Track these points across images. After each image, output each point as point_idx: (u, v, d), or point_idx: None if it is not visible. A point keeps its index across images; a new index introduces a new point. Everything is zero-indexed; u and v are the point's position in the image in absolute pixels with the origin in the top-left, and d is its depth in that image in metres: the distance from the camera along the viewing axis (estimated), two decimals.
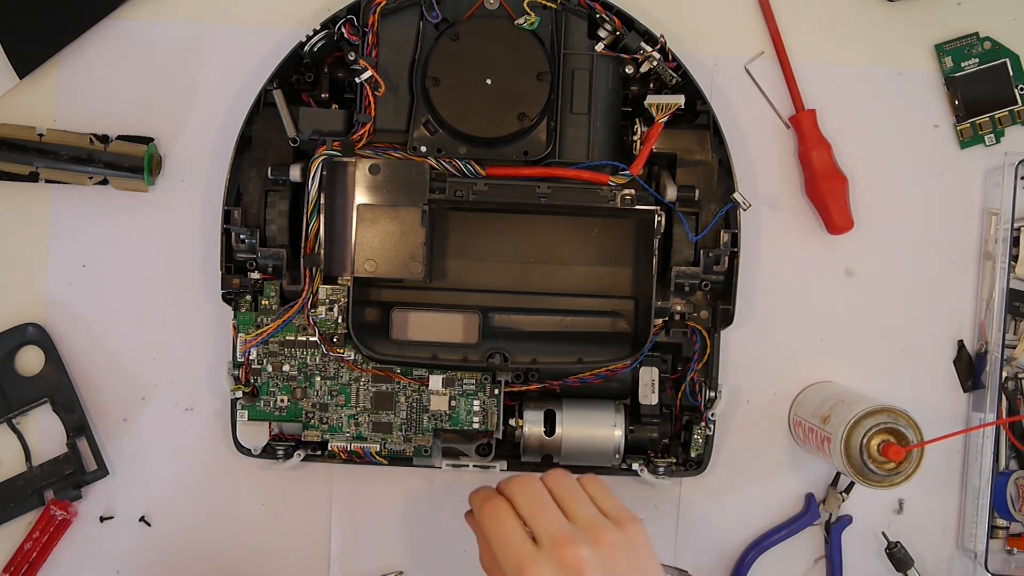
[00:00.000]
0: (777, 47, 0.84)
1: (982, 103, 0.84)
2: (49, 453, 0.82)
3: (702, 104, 0.79)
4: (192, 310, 0.82)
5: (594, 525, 0.66)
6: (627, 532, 0.67)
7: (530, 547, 0.65)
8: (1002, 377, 0.83)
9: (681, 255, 0.78)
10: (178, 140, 0.82)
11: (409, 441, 0.78)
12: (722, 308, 0.80)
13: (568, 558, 0.64)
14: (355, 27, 0.76)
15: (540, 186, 0.75)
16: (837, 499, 0.84)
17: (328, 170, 0.76)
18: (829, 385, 0.84)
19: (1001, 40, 0.84)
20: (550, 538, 0.65)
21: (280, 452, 0.79)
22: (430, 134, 0.76)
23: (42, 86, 0.82)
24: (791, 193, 0.84)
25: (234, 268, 0.78)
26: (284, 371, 0.77)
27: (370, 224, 0.75)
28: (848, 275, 0.85)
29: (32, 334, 0.81)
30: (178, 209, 0.83)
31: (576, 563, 0.64)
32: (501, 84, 0.75)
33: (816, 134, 0.83)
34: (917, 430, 0.74)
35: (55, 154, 0.79)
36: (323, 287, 0.77)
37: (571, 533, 0.65)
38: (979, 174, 0.85)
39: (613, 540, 0.65)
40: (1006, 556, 0.84)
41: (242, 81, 0.82)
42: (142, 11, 0.82)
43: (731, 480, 0.84)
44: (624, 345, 0.79)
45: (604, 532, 0.66)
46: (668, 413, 0.80)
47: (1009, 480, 0.82)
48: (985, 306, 0.84)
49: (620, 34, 0.77)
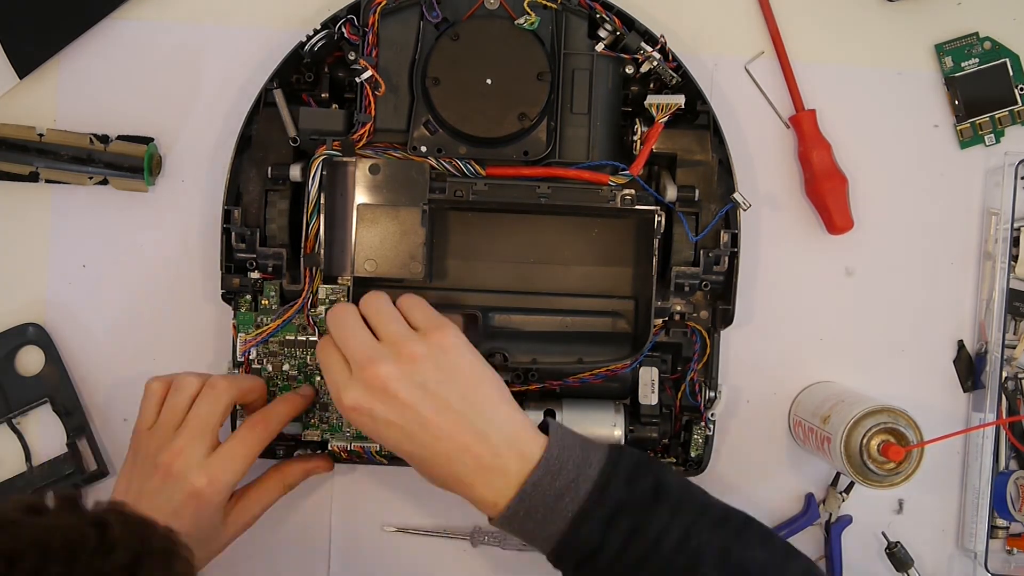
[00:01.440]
0: (777, 47, 0.84)
1: (982, 103, 0.84)
2: (49, 453, 0.82)
3: (702, 104, 0.79)
4: (192, 310, 0.82)
5: (398, 340, 0.67)
6: (432, 338, 0.67)
7: (344, 374, 0.67)
8: (1002, 377, 0.83)
9: (681, 255, 0.78)
10: (178, 140, 0.82)
11: None
12: (722, 308, 0.80)
13: (371, 378, 0.65)
14: (355, 27, 0.76)
15: (540, 186, 0.75)
16: (837, 499, 0.84)
17: (328, 170, 0.76)
18: (829, 385, 0.84)
19: (1001, 40, 0.84)
20: (356, 361, 0.66)
21: (280, 452, 0.79)
22: (430, 134, 0.76)
23: (42, 86, 0.82)
24: (791, 193, 0.84)
25: (234, 268, 0.78)
26: (284, 371, 0.77)
27: (370, 224, 0.75)
28: (848, 275, 0.85)
29: (32, 334, 0.81)
30: (178, 209, 0.82)
31: (379, 381, 0.65)
32: (501, 84, 0.75)
33: (816, 134, 0.83)
34: (917, 430, 0.74)
35: (55, 154, 0.79)
36: (323, 287, 0.77)
37: (373, 353, 0.66)
38: (979, 174, 0.85)
39: (415, 351, 0.66)
40: (1006, 556, 0.84)
41: (242, 81, 0.82)
42: (142, 11, 0.82)
43: (731, 480, 0.84)
44: (624, 345, 0.79)
45: (406, 344, 0.66)
46: (668, 413, 0.80)
47: (1009, 480, 0.82)
48: (985, 306, 0.84)
49: (620, 34, 0.77)
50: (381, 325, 0.68)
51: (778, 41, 0.84)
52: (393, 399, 0.65)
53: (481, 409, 0.67)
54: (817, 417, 0.79)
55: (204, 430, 0.70)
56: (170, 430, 0.71)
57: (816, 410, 0.80)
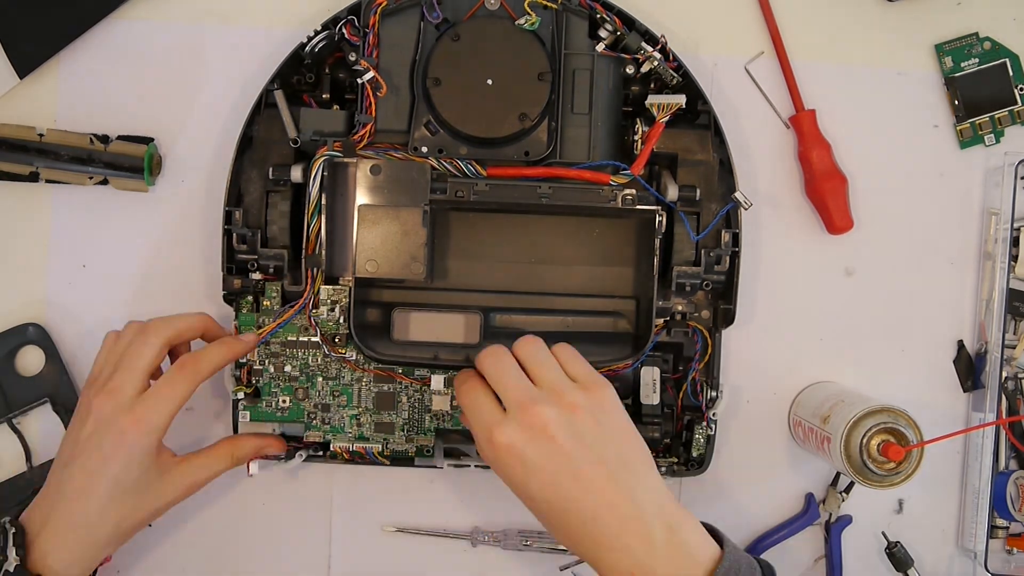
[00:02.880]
0: (777, 47, 0.84)
1: (982, 103, 0.84)
2: (49, 453, 0.82)
3: (703, 104, 0.79)
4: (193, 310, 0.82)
5: (558, 387, 0.66)
6: (593, 394, 0.67)
7: (498, 413, 0.66)
8: (1002, 377, 0.83)
9: (682, 255, 0.78)
10: (178, 140, 0.82)
11: (411, 441, 0.78)
12: (723, 308, 0.80)
13: (532, 417, 0.64)
14: (356, 28, 0.76)
15: (541, 186, 0.75)
16: (837, 499, 0.84)
17: (329, 171, 0.76)
18: (829, 385, 0.84)
19: (1001, 40, 0.84)
20: (515, 402, 0.66)
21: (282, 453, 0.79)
22: (431, 134, 0.76)
23: (42, 86, 0.81)
24: (791, 193, 0.85)
25: (235, 269, 0.78)
26: (286, 372, 0.77)
27: (371, 224, 0.75)
28: (848, 275, 0.85)
29: (32, 334, 0.81)
30: (178, 209, 0.82)
31: (539, 421, 0.64)
32: (502, 84, 0.75)
33: (816, 134, 0.83)
34: (917, 430, 0.74)
35: (55, 154, 0.79)
36: (324, 288, 0.77)
37: (534, 395, 0.66)
38: (979, 174, 0.85)
39: (576, 400, 0.66)
40: (1006, 556, 0.84)
41: (243, 81, 0.82)
42: (142, 11, 0.82)
43: (731, 479, 0.85)
44: (625, 345, 0.79)
45: (567, 393, 0.66)
46: (670, 413, 0.80)
47: (1009, 480, 0.83)
48: (985, 306, 0.84)
49: (621, 34, 0.77)
50: (541, 371, 0.68)
51: (778, 41, 0.84)
52: (551, 442, 0.64)
53: (634, 472, 0.66)
54: (817, 417, 0.79)
55: (133, 371, 0.69)
56: (107, 377, 0.70)
57: (816, 410, 0.80)
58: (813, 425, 0.79)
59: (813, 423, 0.80)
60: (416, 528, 0.84)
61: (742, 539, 0.85)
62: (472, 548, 0.84)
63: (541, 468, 0.64)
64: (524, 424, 0.64)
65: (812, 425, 0.80)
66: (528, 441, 0.64)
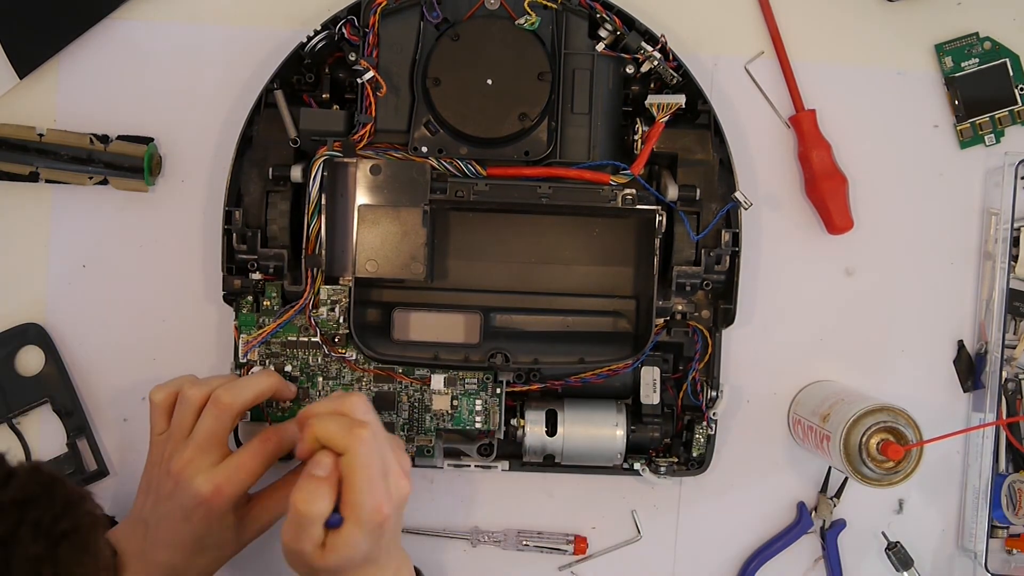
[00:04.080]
0: (777, 47, 0.84)
1: (982, 103, 0.84)
2: (49, 453, 0.82)
3: (703, 104, 0.79)
4: (193, 310, 0.82)
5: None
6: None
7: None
8: (1002, 377, 0.83)
9: (682, 254, 0.78)
10: (178, 140, 0.82)
11: (411, 441, 0.78)
12: (723, 307, 0.80)
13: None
14: (356, 27, 0.76)
15: (541, 186, 0.75)
16: (828, 505, 0.84)
17: (329, 171, 0.76)
18: (829, 384, 0.84)
19: (1001, 40, 0.84)
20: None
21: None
22: (431, 134, 0.76)
23: (42, 86, 0.81)
24: (791, 193, 0.85)
25: (235, 269, 0.78)
26: (286, 372, 0.77)
27: (371, 224, 0.75)
28: (848, 275, 0.85)
29: (32, 334, 0.81)
30: (178, 209, 0.82)
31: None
32: (502, 84, 0.75)
33: (816, 134, 0.83)
34: (916, 429, 0.74)
35: (55, 154, 0.79)
36: (324, 288, 0.77)
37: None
38: (979, 174, 0.85)
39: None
40: (1006, 556, 0.84)
41: (243, 81, 0.82)
42: (142, 11, 0.82)
43: (731, 479, 0.85)
44: (625, 345, 0.79)
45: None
46: (670, 413, 0.80)
47: (1004, 483, 0.82)
48: (985, 306, 0.84)
49: (621, 34, 0.77)
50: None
51: (778, 41, 0.84)
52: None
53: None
54: (817, 416, 0.79)
55: (211, 443, 0.71)
56: (180, 439, 0.71)
57: (816, 409, 0.80)
58: (813, 424, 0.79)
59: (813, 422, 0.80)
60: (416, 528, 0.84)
61: (742, 539, 0.85)
62: (472, 548, 0.84)
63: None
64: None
65: (812, 424, 0.80)
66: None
